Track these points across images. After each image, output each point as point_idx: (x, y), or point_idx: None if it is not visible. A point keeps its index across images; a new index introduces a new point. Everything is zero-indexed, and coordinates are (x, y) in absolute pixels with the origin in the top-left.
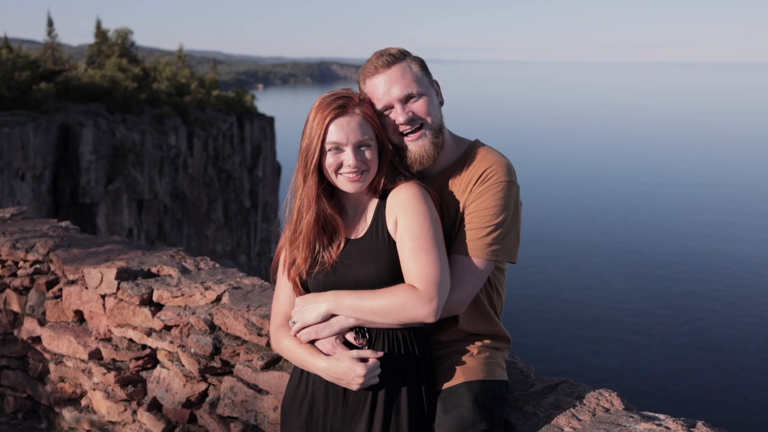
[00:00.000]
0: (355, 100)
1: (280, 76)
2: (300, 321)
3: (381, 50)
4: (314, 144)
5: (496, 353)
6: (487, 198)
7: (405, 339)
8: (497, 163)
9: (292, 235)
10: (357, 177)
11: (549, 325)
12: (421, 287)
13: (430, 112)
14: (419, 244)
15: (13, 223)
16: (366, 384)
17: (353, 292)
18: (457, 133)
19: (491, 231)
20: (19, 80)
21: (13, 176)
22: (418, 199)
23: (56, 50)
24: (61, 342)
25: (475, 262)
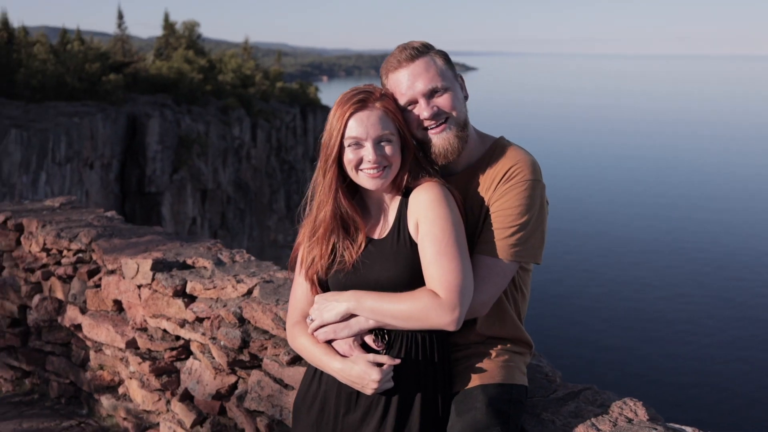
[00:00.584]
0: (376, 94)
1: (344, 68)
2: (318, 319)
3: (404, 44)
4: (334, 139)
5: (515, 357)
6: (511, 197)
7: (425, 342)
8: (522, 161)
9: (310, 231)
10: (378, 173)
11: (591, 327)
12: (444, 295)
13: (455, 106)
14: (441, 249)
15: (62, 213)
16: (380, 389)
17: (375, 293)
18: (529, 126)
19: (515, 231)
20: (89, 72)
21: (83, 165)
22: (440, 201)
23: (126, 42)
24: (100, 330)
25: (499, 263)
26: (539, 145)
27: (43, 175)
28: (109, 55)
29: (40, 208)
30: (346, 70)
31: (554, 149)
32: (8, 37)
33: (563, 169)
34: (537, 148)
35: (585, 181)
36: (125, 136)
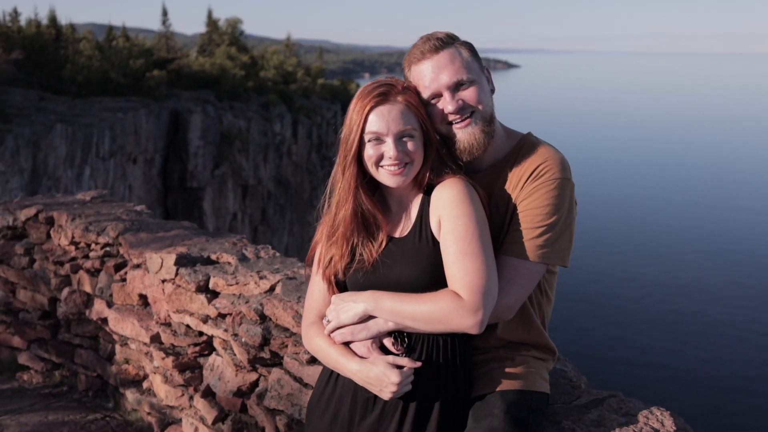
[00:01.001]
0: (398, 87)
1: (386, 65)
2: (335, 320)
3: (427, 34)
4: (353, 134)
5: (537, 363)
6: (539, 196)
7: (446, 346)
8: (551, 158)
9: (329, 230)
10: (399, 170)
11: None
12: (466, 296)
13: (481, 99)
14: (464, 248)
15: (92, 206)
16: (399, 393)
17: (394, 294)
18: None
19: (543, 232)
20: (133, 68)
21: (126, 160)
22: (464, 197)
23: (170, 39)
24: (125, 324)
25: (526, 265)
26: (581, 144)
27: (87, 169)
28: (153, 52)
29: (71, 201)
30: (388, 67)
31: (598, 148)
32: (56, 33)
33: (607, 168)
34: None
35: (630, 181)
36: (168, 132)
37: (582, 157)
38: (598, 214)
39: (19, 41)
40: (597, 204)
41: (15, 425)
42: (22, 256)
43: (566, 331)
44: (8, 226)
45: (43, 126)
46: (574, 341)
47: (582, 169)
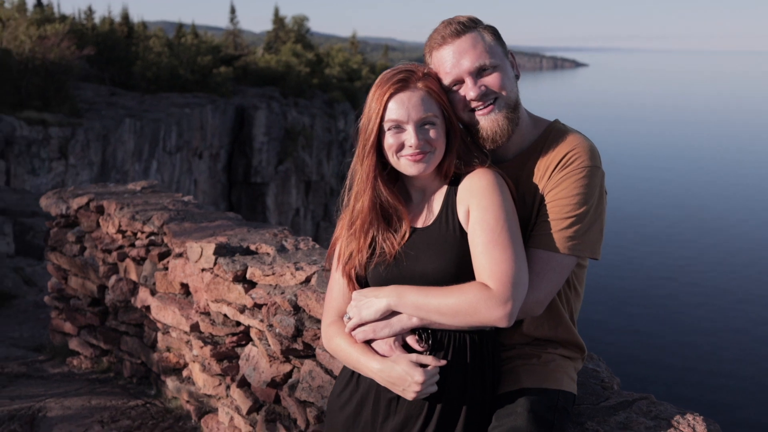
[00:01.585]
0: (418, 74)
1: None
2: (356, 317)
3: (449, 18)
4: (372, 122)
5: (564, 362)
6: (568, 185)
7: (474, 343)
8: (580, 145)
9: (348, 223)
10: (420, 155)
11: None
12: (495, 287)
13: (504, 85)
14: (493, 238)
15: (141, 196)
16: (423, 394)
17: (418, 287)
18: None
19: (573, 223)
20: (201, 64)
21: (192, 155)
22: (494, 187)
23: (237, 36)
24: (166, 313)
25: (556, 258)
26: (652, 144)
27: (154, 163)
28: (220, 49)
29: (122, 191)
30: None
31: (666, 149)
32: (128, 31)
33: (674, 169)
34: (649, 147)
35: (699, 181)
36: (233, 128)
37: (652, 158)
38: (673, 215)
39: (92, 38)
40: (663, 206)
41: (58, 408)
42: (73, 243)
43: (631, 333)
44: (62, 215)
45: (113, 121)
46: (637, 345)
47: (652, 171)
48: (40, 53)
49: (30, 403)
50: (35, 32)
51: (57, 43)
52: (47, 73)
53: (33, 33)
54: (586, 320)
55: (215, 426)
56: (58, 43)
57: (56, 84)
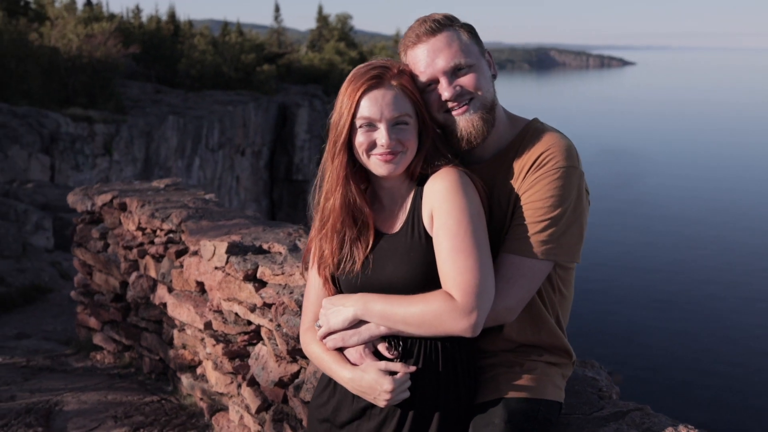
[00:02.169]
0: (393, 70)
1: (496, 62)
2: (325, 325)
3: (424, 16)
4: (344, 119)
5: (550, 369)
6: (542, 187)
7: (446, 350)
8: (555, 145)
9: (320, 224)
10: (389, 156)
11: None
12: (459, 297)
13: (480, 85)
14: (456, 245)
15: (164, 193)
16: (394, 401)
17: (384, 296)
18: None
19: (547, 226)
20: (245, 62)
21: (234, 152)
22: (457, 189)
23: (281, 34)
24: (182, 310)
25: (528, 263)
26: (701, 146)
27: (197, 160)
28: (264, 47)
29: (146, 188)
30: (498, 64)
31: (717, 151)
32: (174, 29)
33: (724, 170)
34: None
35: (751, 184)
36: (276, 125)
37: (702, 160)
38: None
39: (138, 37)
40: (721, 210)
41: (75, 402)
42: (97, 240)
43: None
44: (87, 211)
45: (157, 117)
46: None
47: (702, 172)
48: (87, 51)
49: (49, 396)
50: (83, 31)
51: (103, 41)
52: (93, 70)
53: (81, 31)
54: (634, 324)
55: (226, 424)
56: (105, 42)
57: (102, 81)
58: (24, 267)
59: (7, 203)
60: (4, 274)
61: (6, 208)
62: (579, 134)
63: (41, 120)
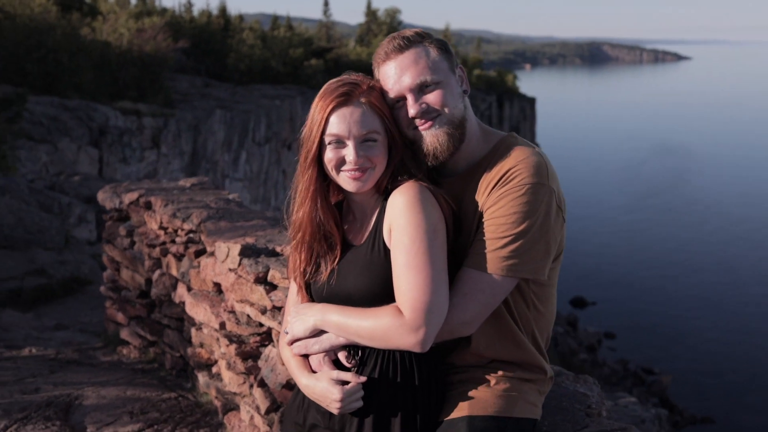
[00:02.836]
0: (362, 87)
1: (548, 57)
2: (291, 333)
3: (395, 33)
4: (314, 135)
5: (521, 385)
6: (505, 203)
7: (404, 362)
8: (523, 162)
9: (292, 233)
10: (359, 173)
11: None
12: (407, 313)
13: (446, 102)
14: (409, 261)
15: (189, 193)
16: (345, 410)
17: (341, 308)
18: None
19: (509, 242)
20: (293, 56)
21: (281, 146)
22: (414, 205)
23: (330, 28)
24: (199, 309)
25: (487, 278)
26: (760, 143)
27: (243, 153)
28: (312, 41)
29: (172, 187)
30: (550, 59)
31: None
32: (224, 24)
33: None
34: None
35: None
36: None
37: (759, 158)
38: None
39: (189, 31)
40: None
41: (94, 397)
42: (124, 237)
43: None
44: (115, 209)
45: (204, 111)
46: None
47: (758, 171)
48: (137, 46)
49: (70, 390)
50: (134, 25)
51: (153, 36)
52: (143, 64)
53: (132, 26)
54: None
55: (237, 423)
56: (154, 36)
57: (152, 75)
58: (65, 259)
59: (51, 196)
60: (45, 266)
61: (50, 201)
62: (631, 130)
63: (91, 113)
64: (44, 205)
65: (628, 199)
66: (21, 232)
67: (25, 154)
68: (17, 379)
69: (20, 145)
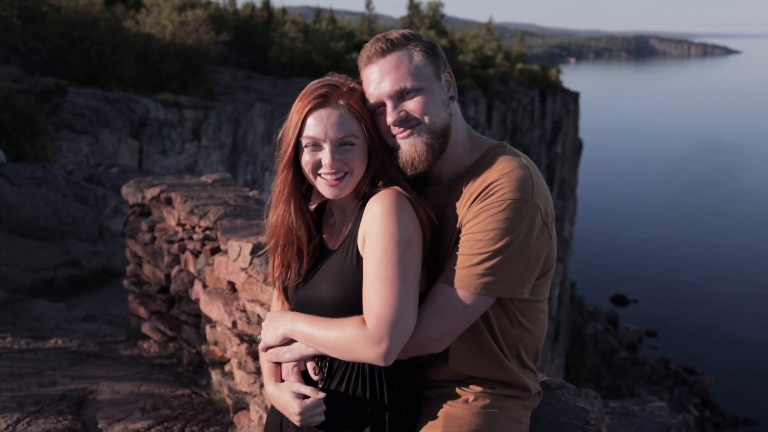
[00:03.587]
0: (342, 89)
1: (593, 50)
2: (263, 340)
3: (381, 34)
4: (290, 136)
5: (502, 401)
6: (484, 219)
7: (373, 376)
8: (508, 175)
9: (268, 237)
10: (335, 181)
11: None
12: (370, 326)
13: (427, 110)
14: (379, 272)
15: (211, 189)
16: (305, 423)
17: (309, 318)
18: None
19: (485, 259)
20: (334, 50)
21: None
22: (389, 214)
23: (373, 22)
24: (212, 307)
25: (460, 295)
26: None
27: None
28: (354, 34)
29: (194, 183)
30: (595, 52)
31: None
32: (268, 17)
33: None
34: None
35: None
36: None
37: None
38: None
39: (232, 24)
40: None
41: (108, 392)
42: (145, 232)
43: None
44: (138, 204)
45: (245, 104)
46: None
47: None
48: (180, 38)
49: (86, 384)
50: (177, 18)
51: (195, 28)
52: (186, 57)
53: (175, 19)
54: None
55: (246, 423)
56: (197, 29)
57: (193, 68)
58: (98, 250)
59: (87, 187)
60: (78, 257)
61: (86, 193)
62: (677, 126)
63: (131, 105)
64: (80, 196)
65: (672, 195)
66: (56, 223)
67: (66, 146)
68: (36, 372)
69: (62, 136)
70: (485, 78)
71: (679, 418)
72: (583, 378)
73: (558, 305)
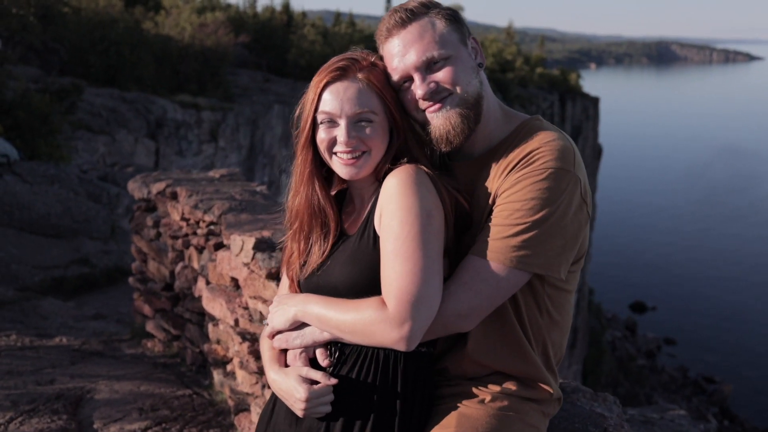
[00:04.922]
0: (362, 63)
1: (614, 56)
2: (271, 324)
3: (398, 5)
4: (307, 112)
5: (522, 404)
6: (523, 187)
7: (387, 363)
8: (548, 144)
9: (288, 223)
10: (351, 160)
11: None
12: (391, 306)
13: (458, 80)
14: (397, 248)
15: (217, 184)
16: (310, 412)
17: (324, 299)
18: None
19: (522, 231)
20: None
21: None
22: (407, 187)
23: None
24: (215, 305)
25: (493, 267)
26: None
27: None
28: (373, 38)
29: (201, 178)
30: (616, 58)
31: None
32: (287, 20)
33: None
34: None
35: None
36: None
37: None
38: None
39: (251, 26)
40: None
41: (107, 391)
42: (151, 228)
43: None
44: (143, 199)
45: (262, 106)
46: None
47: None
48: (199, 40)
49: (84, 383)
50: (196, 20)
51: (214, 30)
52: (204, 59)
53: (194, 21)
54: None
55: (247, 425)
56: (215, 31)
57: (212, 69)
58: (110, 249)
59: (100, 186)
60: (90, 256)
61: (99, 191)
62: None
63: (149, 106)
64: (93, 195)
65: (692, 202)
66: (68, 221)
67: (83, 145)
68: (35, 370)
69: (78, 136)
70: (505, 82)
71: (700, 428)
72: (600, 385)
73: (576, 311)
